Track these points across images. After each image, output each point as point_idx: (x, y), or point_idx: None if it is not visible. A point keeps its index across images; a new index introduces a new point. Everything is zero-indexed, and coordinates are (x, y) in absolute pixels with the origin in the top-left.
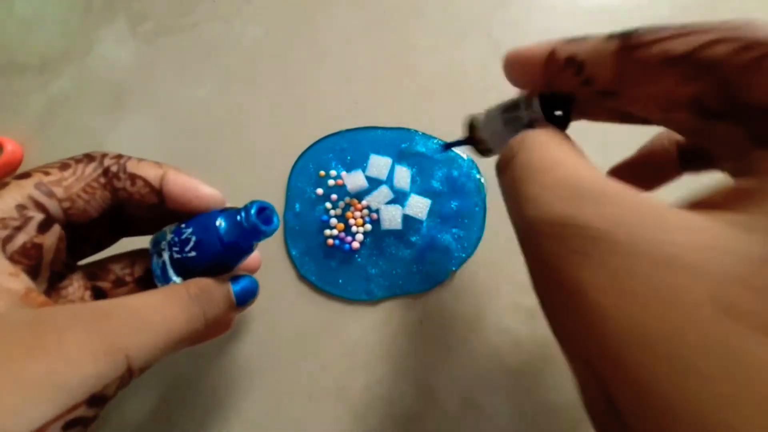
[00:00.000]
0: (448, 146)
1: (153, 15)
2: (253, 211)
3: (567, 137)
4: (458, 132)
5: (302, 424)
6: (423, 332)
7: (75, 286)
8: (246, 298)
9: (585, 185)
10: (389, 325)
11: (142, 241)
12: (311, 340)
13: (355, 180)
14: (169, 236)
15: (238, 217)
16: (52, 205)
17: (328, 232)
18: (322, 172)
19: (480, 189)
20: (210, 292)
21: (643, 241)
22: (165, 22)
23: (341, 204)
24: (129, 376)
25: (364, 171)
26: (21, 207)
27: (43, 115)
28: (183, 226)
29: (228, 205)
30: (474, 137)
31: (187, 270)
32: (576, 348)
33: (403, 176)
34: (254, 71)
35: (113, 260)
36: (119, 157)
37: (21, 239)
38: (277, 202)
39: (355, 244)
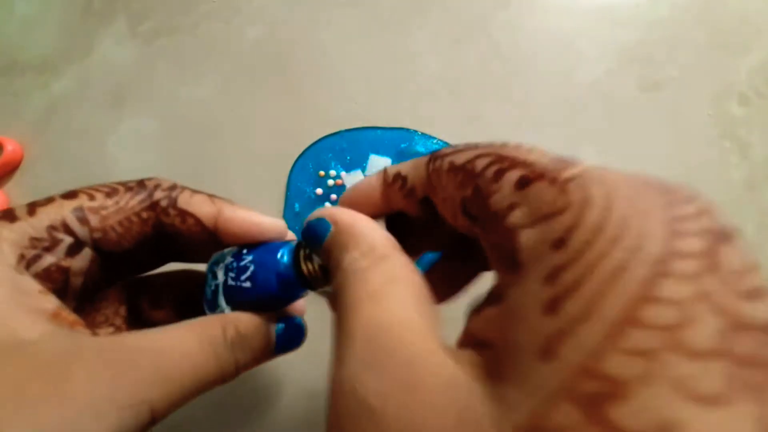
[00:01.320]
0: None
1: (153, 15)
2: None
3: (399, 251)
4: (456, 132)
5: (302, 424)
6: None
7: (110, 299)
8: (287, 347)
9: (381, 342)
10: None
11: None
12: (311, 340)
13: (354, 180)
14: (228, 259)
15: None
16: (82, 232)
17: None
18: (322, 172)
19: None
20: (249, 337)
21: (402, 416)
22: (165, 22)
23: None
24: (151, 424)
25: (363, 171)
26: (52, 228)
27: (43, 115)
28: (245, 252)
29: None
30: (304, 270)
31: (237, 300)
32: None
33: None
34: (254, 71)
35: (157, 278)
36: (172, 189)
37: (47, 261)
38: (277, 202)
39: None
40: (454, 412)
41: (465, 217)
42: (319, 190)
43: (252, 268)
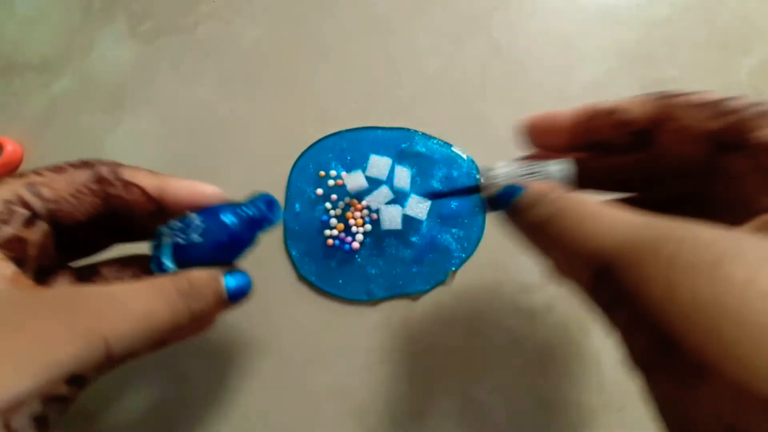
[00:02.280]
0: (439, 196)
1: (153, 15)
2: (260, 201)
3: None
4: (456, 132)
5: (302, 424)
6: (423, 332)
7: (62, 282)
8: (238, 295)
9: (648, 220)
10: (389, 326)
11: (139, 249)
12: (311, 340)
13: (355, 180)
14: (174, 224)
15: (245, 207)
16: (38, 204)
17: (328, 232)
18: (322, 173)
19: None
20: (199, 286)
21: (755, 249)
22: (165, 22)
23: (341, 204)
24: (108, 361)
25: (364, 171)
26: (8, 202)
27: (43, 115)
28: (190, 214)
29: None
30: (484, 190)
31: (186, 258)
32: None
33: (403, 176)
34: (254, 71)
35: (106, 264)
36: (115, 165)
37: (6, 232)
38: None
39: (355, 245)
40: None
41: (710, 146)
42: (320, 191)
43: (201, 224)
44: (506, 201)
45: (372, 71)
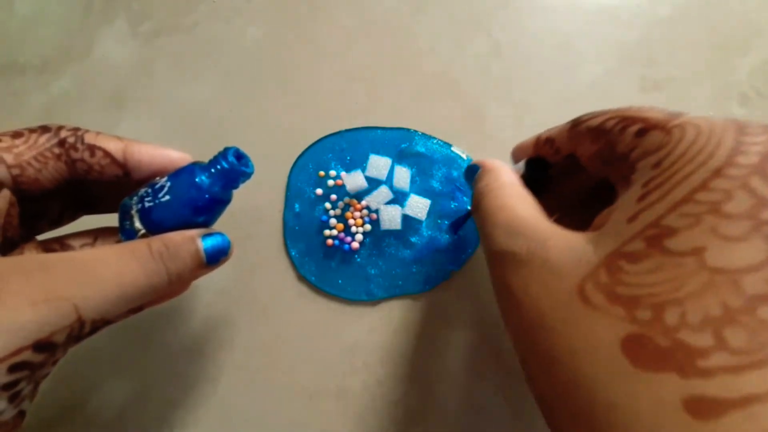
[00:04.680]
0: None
1: (153, 15)
2: (230, 154)
3: (518, 182)
4: (456, 132)
5: (302, 424)
6: (423, 332)
7: (28, 253)
8: (217, 256)
9: (515, 224)
10: (389, 326)
11: (107, 221)
12: (311, 340)
13: (354, 180)
14: (141, 191)
15: (213, 162)
16: (1, 171)
17: (327, 232)
18: (322, 173)
19: None
20: (175, 247)
21: (538, 258)
22: (165, 22)
23: (341, 204)
24: (80, 326)
25: (363, 171)
26: None
27: (43, 115)
28: (157, 179)
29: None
30: None
31: (157, 222)
32: (513, 335)
33: (402, 176)
34: (254, 71)
35: (74, 236)
36: (77, 129)
37: None
38: (277, 202)
39: (355, 245)
40: (572, 253)
41: (599, 162)
42: (319, 191)
43: (169, 184)
44: (471, 175)
45: (372, 71)
